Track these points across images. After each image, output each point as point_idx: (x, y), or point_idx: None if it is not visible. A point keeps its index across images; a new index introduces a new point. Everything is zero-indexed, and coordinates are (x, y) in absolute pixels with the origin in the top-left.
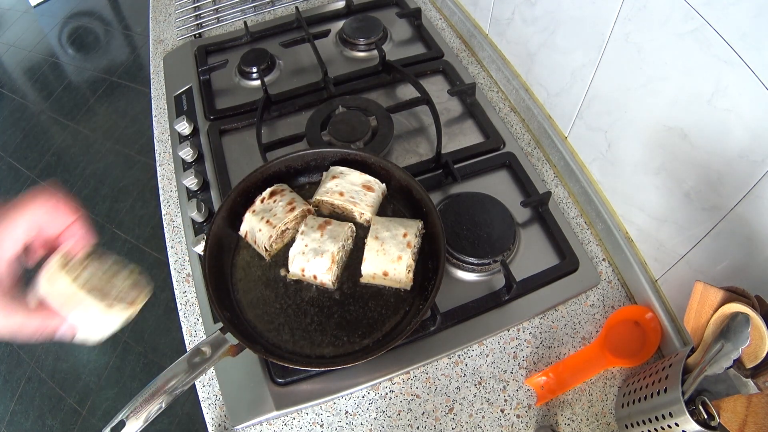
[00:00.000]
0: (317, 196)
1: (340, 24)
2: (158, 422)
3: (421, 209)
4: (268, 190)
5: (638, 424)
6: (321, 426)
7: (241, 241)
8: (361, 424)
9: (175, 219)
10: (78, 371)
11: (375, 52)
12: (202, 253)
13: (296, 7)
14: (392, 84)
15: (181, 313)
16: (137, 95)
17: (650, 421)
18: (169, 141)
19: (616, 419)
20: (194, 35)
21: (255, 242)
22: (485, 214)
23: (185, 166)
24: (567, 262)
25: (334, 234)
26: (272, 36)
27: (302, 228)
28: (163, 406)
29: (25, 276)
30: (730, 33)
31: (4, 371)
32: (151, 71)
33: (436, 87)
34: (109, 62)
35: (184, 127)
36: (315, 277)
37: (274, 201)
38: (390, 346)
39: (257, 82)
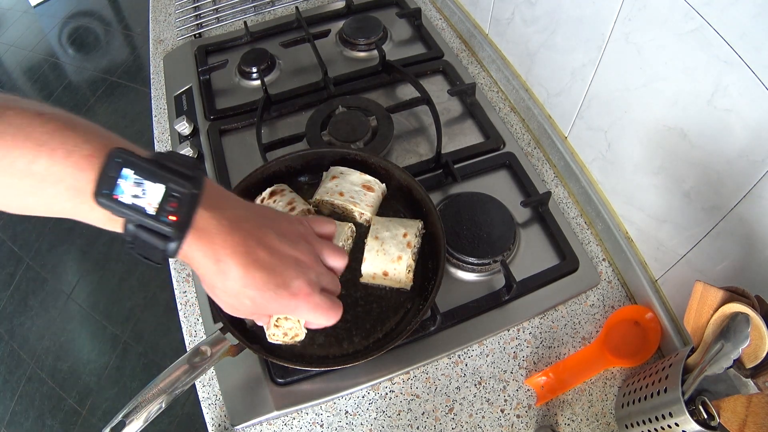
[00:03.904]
0: (317, 196)
1: (340, 24)
2: (158, 422)
3: (421, 209)
4: (268, 190)
5: (638, 424)
6: (321, 426)
7: None
8: (361, 424)
9: None
10: (78, 371)
11: (375, 52)
12: None
13: (296, 7)
14: (392, 84)
15: (181, 313)
16: (137, 95)
17: (650, 421)
18: (169, 141)
19: (616, 419)
20: (194, 35)
21: None
22: (485, 214)
23: None
24: (567, 262)
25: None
26: (272, 36)
27: None
28: (163, 406)
29: None
30: (730, 33)
31: (4, 371)
32: (151, 71)
33: (436, 87)
34: (109, 62)
35: (184, 127)
36: None
37: (274, 201)
38: (390, 346)
39: (257, 82)
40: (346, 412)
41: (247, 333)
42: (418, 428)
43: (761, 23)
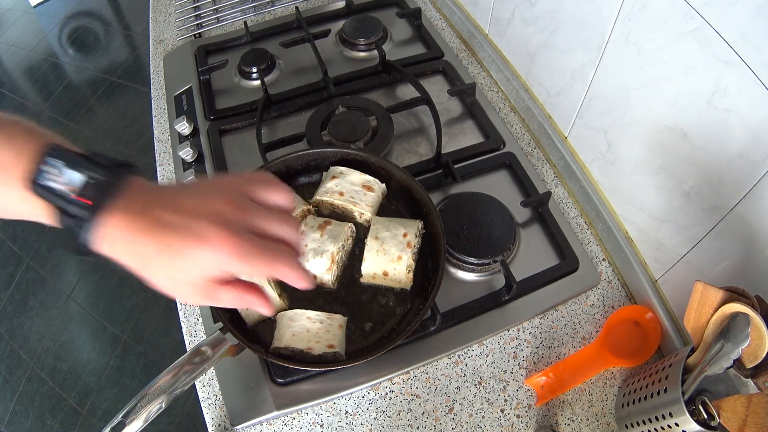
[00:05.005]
0: (317, 196)
1: (340, 24)
2: (158, 422)
3: (421, 209)
4: None
5: (638, 424)
6: (321, 426)
7: None
8: (361, 424)
9: None
10: (78, 371)
11: (375, 52)
12: None
13: (296, 7)
14: (392, 84)
15: (181, 313)
16: (137, 95)
17: (650, 421)
18: (169, 141)
19: (616, 419)
20: (194, 35)
21: None
22: (485, 214)
23: (185, 166)
24: (567, 262)
25: (334, 234)
26: (272, 36)
27: (302, 228)
28: (163, 406)
29: None
30: (730, 33)
31: (4, 371)
32: (151, 71)
33: (436, 87)
34: (109, 62)
35: (184, 127)
36: (315, 277)
37: None
38: (390, 346)
39: (257, 82)
40: (346, 412)
41: (247, 333)
42: (418, 428)
43: (761, 23)
